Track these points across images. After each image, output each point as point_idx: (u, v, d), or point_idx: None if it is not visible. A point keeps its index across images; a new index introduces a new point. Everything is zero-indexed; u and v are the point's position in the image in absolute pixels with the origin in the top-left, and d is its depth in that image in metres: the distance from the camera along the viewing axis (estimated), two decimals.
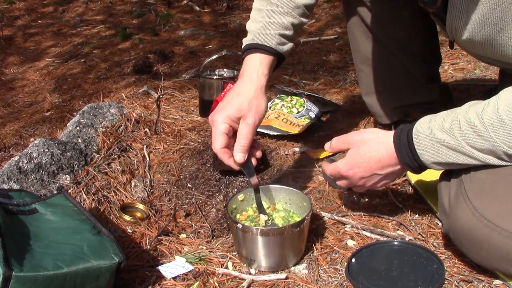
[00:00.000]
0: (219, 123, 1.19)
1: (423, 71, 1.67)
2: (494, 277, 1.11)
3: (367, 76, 1.70)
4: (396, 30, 1.59)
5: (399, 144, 1.11)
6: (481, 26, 1.05)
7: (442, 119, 1.05)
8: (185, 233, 1.38)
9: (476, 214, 1.01)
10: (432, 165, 1.09)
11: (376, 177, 1.18)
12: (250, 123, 1.20)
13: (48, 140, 1.64)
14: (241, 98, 1.22)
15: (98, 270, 1.05)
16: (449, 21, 1.14)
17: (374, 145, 1.15)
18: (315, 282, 1.15)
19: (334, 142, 1.24)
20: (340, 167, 1.20)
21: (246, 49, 1.30)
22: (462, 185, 1.06)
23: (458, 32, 1.13)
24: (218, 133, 1.19)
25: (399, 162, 1.12)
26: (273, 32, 1.29)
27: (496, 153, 1.00)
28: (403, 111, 1.68)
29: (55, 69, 2.99)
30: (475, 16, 1.05)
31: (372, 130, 1.20)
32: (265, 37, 1.28)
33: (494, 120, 0.97)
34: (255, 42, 1.28)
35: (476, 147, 1.01)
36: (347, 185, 1.24)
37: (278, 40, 1.29)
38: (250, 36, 1.31)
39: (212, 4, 4.28)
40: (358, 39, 1.66)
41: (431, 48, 1.70)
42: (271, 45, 1.28)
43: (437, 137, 1.04)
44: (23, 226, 1.13)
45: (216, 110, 1.23)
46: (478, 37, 1.09)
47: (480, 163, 1.03)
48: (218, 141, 1.19)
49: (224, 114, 1.20)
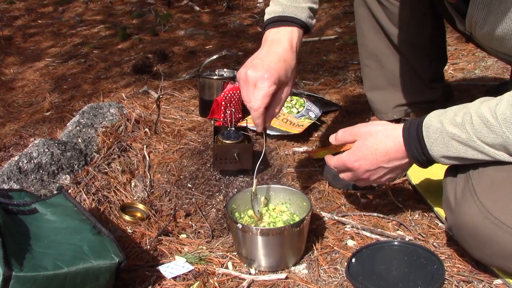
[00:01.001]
0: (271, 82, 1.15)
1: (428, 70, 1.67)
2: (494, 277, 1.11)
3: (372, 71, 1.70)
4: (405, 25, 1.58)
5: (408, 136, 1.09)
6: (503, 18, 1.04)
7: (454, 113, 1.04)
8: (185, 233, 1.38)
9: (483, 211, 1.00)
10: (441, 159, 1.07)
11: (381, 171, 1.16)
12: (289, 92, 1.22)
13: (48, 140, 1.64)
14: (286, 65, 1.20)
15: (98, 270, 1.05)
16: (470, 13, 1.12)
17: (381, 137, 1.13)
18: (315, 282, 1.15)
19: (340, 134, 1.21)
20: (345, 159, 1.18)
21: (276, 21, 1.27)
22: (469, 181, 1.05)
23: (478, 25, 1.12)
24: (268, 92, 1.15)
25: (407, 155, 1.11)
26: (303, 4, 1.28)
27: (508, 149, 0.99)
28: (404, 109, 1.68)
29: (55, 69, 2.99)
30: (497, 9, 1.04)
31: (380, 122, 1.19)
32: (296, 10, 1.26)
33: (508, 115, 0.96)
34: (287, 14, 1.26)
35: (487, 142, 1.00)
36: (351, 178, 1.21)
37: (307, 14, 1.28)
38: (279, 8, 1.27)
39: (212, 4, 4.28)
40: (365, 33, 1.66)
41: (438, 48, 1.70)
42: (302, 19, 1.26)
43: (448, 131, 1.03)
44: (23, 226, 1.13)
45: (261, 67, 1.17)
46: (498, 31, 1.07)
47: (490, 158, 1.02)
48: (265, 100, 1.16)
49: (276, 76, 1.16)
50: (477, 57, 2.53)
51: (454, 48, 2.70)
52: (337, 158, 1.21)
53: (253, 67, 1.17)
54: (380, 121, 1.34)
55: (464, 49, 2.63)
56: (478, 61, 2.47)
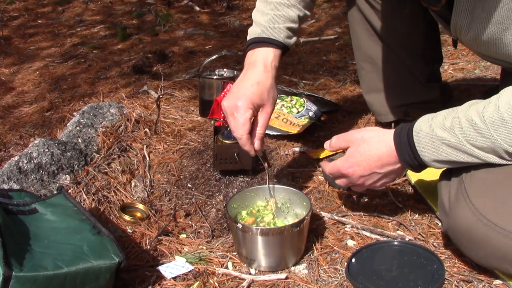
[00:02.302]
0: (245, 109, 1.20)
1: (424, 70, 1.67)
2: (494, 277, 1.11)
3: (368, 74, 1.71)
4: (397, 27, 1.59)
5: (399, 142, 1.10)
6: (486, 24, 1.05)
7: (443, 117, 1.05)
8: (185, 233, 1.38)
9: (475, 213, 1.01)
10: (433, 163, 1.08)
11: (375, 176, 1.17)
12: (269, 112, 1.25)
13: (48, 140, 1.64)
14: (261, 87, 1.24)
15: (98, 270, 1.05)
16: (454, 20, 1.14)
17: (374, 143, 1.15)
18: (315, 282, 1.15)
19: (334, 141, 1.24)
20: (339, 165, 1.20)
21: (255, 42, 1.32)
22: (462, 184, 1.06)
23: (463, 31, 1.13)
24: (245, 120, 1.20)
25: (399, 160, 1.12)
26: (281, 25, 1.32)
27: (497, 152, 1.00)
28: (403, 110, 1.68)
29: (55, 69, 2.98)
30: (480, 15, 1.05)
31: (372, 128, 1.20)
32: (273, 31, 1.31)
33: (495, 118, 0.97)
34: (264, 36, 1.31)
35: (476, 146, 1.01)
36: (347, 184, 1.24)
37: (285, 34, 1.32)
38: (258, 29, 1.33)
39: (212, 4, 4.28)
40: (359, 36, 1.67)
41: (432, 48, 1.71)
42: (279, 39, 1.31)
43: (437, 135, 1.04)
44: (23, 226, 1.13)
45: (235, 96, 1.23)
46: (482, 36, 1.08)
47: (481, 161, 1.03)
48: (245, 128, 1.20)
49: (249, 101, 1.21)
50: (477, 57, 2.53)
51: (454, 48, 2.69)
52: (331, 165, 1.22)
53: (227, 98, 1.24)
54: (372, 127, 1.36)
55: (464, 49, 2.63)
56: (478, 61, 2.47)
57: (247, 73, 1.28)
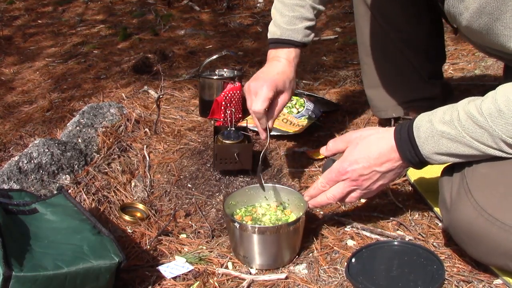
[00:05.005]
0: (268, 89, 1.34)
1: (427, 67, 1.68)
2: (494, 277, 1.11)
3: (370, 69, 1.71)
4: (402, 24, 1.60)
5: (400, 138, 1.10)
6: (478, 15, 1.05)
7: (443, 112, 1.06)
8: (185, 233, 1.38)
9: (477, 208, 1.01)
10: (433, 156, 1.07)
11: (375, 175, 1.14)
12: (286, 100, 1.41)
13: (48, 140, 1.64)
14: (285, 76, 1.39)
15: (98, 270, 1.05)
16: (447, 9, 1.14)
17: (374, 141, 1.14)
18: (315, 282, 1.15)
19: (331, 144, 1.21)
20: (337, 167, 1.16)
21: (276, 42, 1.45)
22: (464, 179, 1.06)
23: (457, 20, 1.14)
24: (265, 97, 1.33)
25: (400, 157, 1.11)
26: (299, 26, 1.44)
27: (496, 143, 1.00)
28: (404, 106, 1.68)
29: (55, 69, 2.98)
30: (472, 5, 1.06)
31: (371, 127, 1.20)
32: (292, 33, 1.43)
33: (493, 110, 0.98)
34: (284, 37, 1.44)
35: (476, 138, 1.01)
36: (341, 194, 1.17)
37: (303, 34, 1.44)
38: (278, 31, 1.45)
39: (212, 4, 4.28)
40: (364, 31, 1.67)
41: (436, 45, 1.71)
42: (298, 39, 1.44)
43: (437, 129, 1.04)
44: (23, 226, 1.13)
45: (262, 79, 1.37)
46: (475, 26, 1.09)
47: (481, 153, 1.02)
48: (264, 104, 1.33)
49: (273, 84, 1.35)
50: (477, 57, 2.53)
51: (454, 48, 2.70)
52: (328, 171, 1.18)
53: (254, 79, 1.38)
54: (370, 127, 1.36)
55: (464, 49, 2.63)
56: (478, 61, 2.47)
57: (272, 64, 1.42)
